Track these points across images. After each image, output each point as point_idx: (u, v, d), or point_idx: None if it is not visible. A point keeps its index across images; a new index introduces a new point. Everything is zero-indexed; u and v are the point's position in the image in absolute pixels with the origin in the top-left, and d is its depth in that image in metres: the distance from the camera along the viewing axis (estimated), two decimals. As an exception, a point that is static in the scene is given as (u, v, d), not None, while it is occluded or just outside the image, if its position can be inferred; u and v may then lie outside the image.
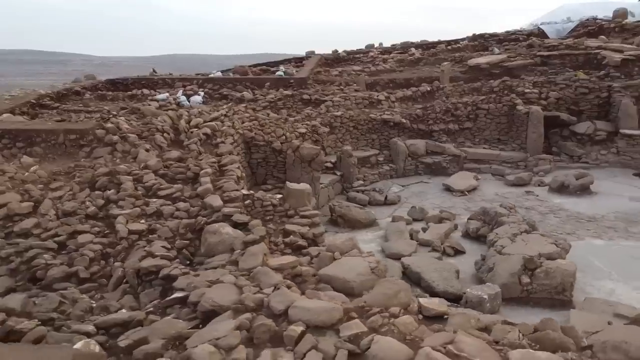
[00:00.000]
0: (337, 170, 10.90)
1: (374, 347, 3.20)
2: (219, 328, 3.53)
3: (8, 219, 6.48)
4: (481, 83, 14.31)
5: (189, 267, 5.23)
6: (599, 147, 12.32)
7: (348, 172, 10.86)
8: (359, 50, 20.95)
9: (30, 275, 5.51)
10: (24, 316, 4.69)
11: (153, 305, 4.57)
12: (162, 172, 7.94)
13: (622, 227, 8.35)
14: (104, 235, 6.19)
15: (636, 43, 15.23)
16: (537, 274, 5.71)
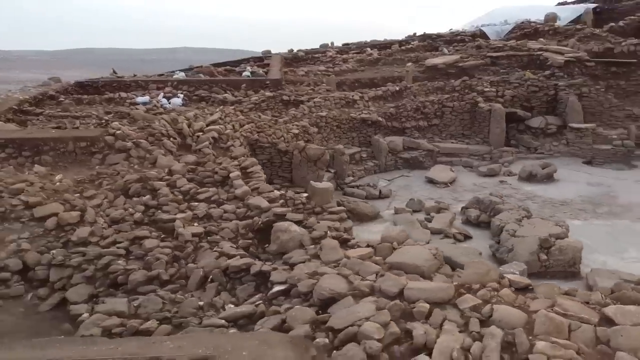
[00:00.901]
0: (330, 168, 11.58)
1: (496, 314, 3.98)
2: (360, 309, 4.15)
3: (60, 228, 6.61)
4: (444, 82, 15.54)
5: (269, 263, 5.74)
6: (551, 139, 13.95)
7: (341, 170, 11.59)
8: (315, 49, 21.64)
9: (110, 281, 5.76)
10: (133, 317, 5.04)
11: (259, 299, 5.07)
12: (189, 176, 8.26)
13: (590, 209, 9.78)
14: (161, 240, 6.51)
15: (570, 45, 17.18)
16: (552, 251, 6.80)
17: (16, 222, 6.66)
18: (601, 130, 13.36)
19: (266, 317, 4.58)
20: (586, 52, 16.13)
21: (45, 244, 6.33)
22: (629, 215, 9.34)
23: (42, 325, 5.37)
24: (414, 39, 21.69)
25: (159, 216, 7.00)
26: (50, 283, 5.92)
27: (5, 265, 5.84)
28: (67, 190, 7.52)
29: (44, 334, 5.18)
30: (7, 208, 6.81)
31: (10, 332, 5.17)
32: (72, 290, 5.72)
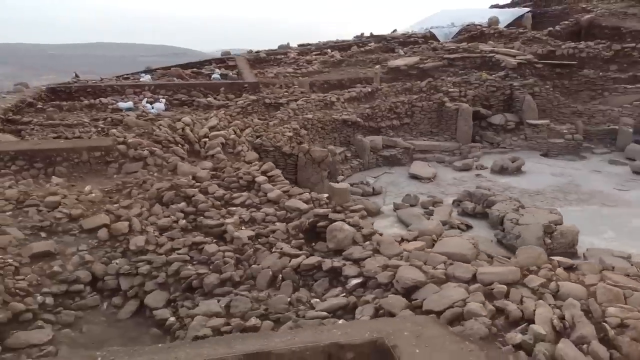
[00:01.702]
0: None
1: (562, 289, 4.84)
2: (452, 293, 4.86)
3: (113, 239, 6.81)
4: (411, 83, 16.57)
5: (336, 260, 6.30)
6: (510, 134, 15.41)
7: (334, 169, 12.23)
8: (276, 50, 22.04)
9: (185, 285, 6.09)
10: (229, 317, 5.46)
11: (341, 292, 5.64)
12: (215, 182, 8.59)
13: (562, 197, 11.14)
14: (218, 244, 6.88)
15: (516, 48, 18.86)
16: (555, 235, 7.89)
17: (66, 235, 6.78)
18: (554, 125, 14.96)
19: (360, 307, 5.19)
20: (532, 54, 17.84)
21: (105, 255, 6.52)
22: (595, 201, 10.77)
23: (131, 332, 5.64)
24: (370, 40, 22.66)
25: (205, 222, 7.33)
26: (122, 292, 6.16)
27: (77, 278, 6.00)
28: (103, 201, 7.64)
29: (137, 340, 5.48)
30: (52, 222, 6.89)
31: (103, 340, 5.42)
32: (149, 297, 6.00)
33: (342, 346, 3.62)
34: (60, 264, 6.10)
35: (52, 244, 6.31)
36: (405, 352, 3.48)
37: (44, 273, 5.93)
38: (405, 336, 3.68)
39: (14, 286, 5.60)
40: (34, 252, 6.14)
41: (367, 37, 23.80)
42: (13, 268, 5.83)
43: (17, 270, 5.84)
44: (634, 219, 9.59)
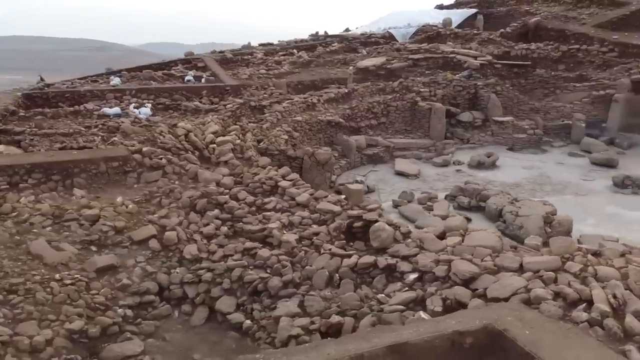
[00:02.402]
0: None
1: (600, 272, 5.69)
2: (512, 281, 5.57)
3: (166, 249, 7.00)
4: (384, 84, 17.34)
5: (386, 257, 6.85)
6: (478, 130, 16.58)
7: (331, 170, 12.74)
8: (241, 51, 22.10)
9: (251, 289, 6.44)
10: (306, 316, 5.91)
11: (402, 286, 6.21)
12: (240, 188, 8.88)
13: (539, 188, 12.31)
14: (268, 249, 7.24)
15: (474, 48, 20.16)
16: (554, 224, 8.89)
17: (118, 248, 6.90)
18: (516, 122, 16.28)
19: (428, 298, 5.80)
20: (489, 54, 19.18)
21: (162, 265, 6.72)
22: (569, 191, 12.03)
23: (210, 337, 5.95)
24: (332, 40, 23.22)
25: (246, 227, 7.66)
26: (189, 299, 6.41)
27: (147, 289, 6.18)
28: (140, 212, 7.76)
29: (220, 344, 5.80)
30: (100, 235, 6.97)
31: (188, 347, 5.71)
32: (219, 302, 6.32)
33: (462, 333, 4.21)
34: (126, 276, 6.25)
35: (114, 258, 6.42)
36: (517, 334, 4.13)
37: (114, 287, 6.07)
38: (510, 320, 4.33)
39: (92, 301, 5.73)
40: (99, 266, 6.25)
41: (324, 36, 24.38)
42: (84, 283, 5.93)
43: (87, 285, 5.94)
44: (607, 206, 10.87)
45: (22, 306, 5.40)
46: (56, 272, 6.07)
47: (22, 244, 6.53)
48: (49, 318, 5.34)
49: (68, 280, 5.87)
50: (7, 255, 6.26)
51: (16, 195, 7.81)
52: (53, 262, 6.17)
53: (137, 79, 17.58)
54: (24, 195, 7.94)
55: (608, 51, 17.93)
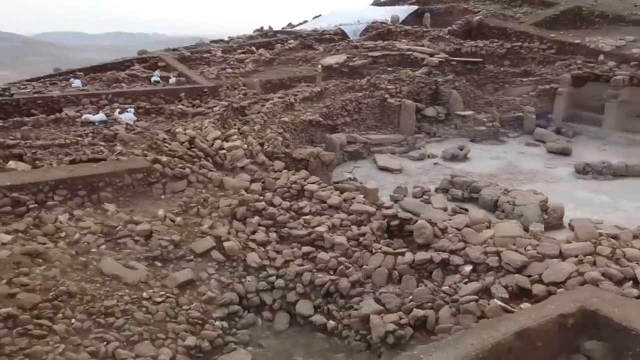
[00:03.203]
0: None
1: (627, 254, 6.73)
2: (563, 267, 6.44)
3: (229, 259, 7.22)
4: (353, 82, 17.97)
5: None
6: (442, 124, 17.74)
7: (322, 168, 13.21)
8: (197, 48, 21.74)
9: (324, 291, 6.84)
10: (387, 312, 6.44)
11: (461, 278, 6.89)
12: (269, 193, 9.14)
13: (512, 177, 13.58)
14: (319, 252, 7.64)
15: (426, 45, 21.34)
16: (549, 211, 10.03)
17: (182, 261, 7.00)
18: (476, 115, 17.62)
19: (492, 287, 6.53)
20: (442, 51, 20.43)
21: (231, 275, 6.93)
22: (540, 179, 13.40)
23: (300, 339, 6.33)
24: (287, 37, 23.44)
25: (294, 232, 7.98)
26: (268, 306, 6.70)
27: (231, 299, 6.39)
28: (187, 224, 7.85)
29: (312, 345, 6.20)
30: (161, 250, 7.03)
31: (284, 351, 6.05)
32: (298, 306, 6.68)
33: (565, 315, 4.95)
34: (207, 289, 6.41)
35: (191, 272, 6.54)
36: (609, 312, 4.94)
37: (200, 300, 6.22)
38: (596, 301, 5.13)
39: (189, 316, 5.87)
40: (180, 282, 6.35)
41: (273, 32, 24.66)
42: (173, 300, 6.04)
43: (177, 301, 6.06)
44: (577, 191, 12.31)
45: (128, 327, 5.44)
46: (140, 290, 6.11)
47: (88, 265, 6.45)
48: (159, 337, 5.43)
49: (158, 298, 5.94)
50: (81, 278, 6.19)
51: (51, 215, 7.56)
52: (133, 281, 6.18)
53: (98, 81, 16.93)
54: (55, 213, 7.71)
55: (547, 48, 19.79)
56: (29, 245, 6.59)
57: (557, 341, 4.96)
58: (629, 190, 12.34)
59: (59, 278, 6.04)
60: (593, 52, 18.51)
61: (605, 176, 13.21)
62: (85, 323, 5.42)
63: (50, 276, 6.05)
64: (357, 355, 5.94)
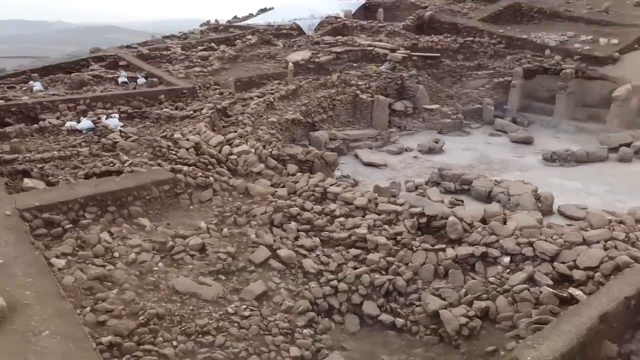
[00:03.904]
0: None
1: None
2: (593, 253, 7.24)
3: (287, 266, 7.41)
4: (324, 79, 18.26)
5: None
6: (410, 118, 18.54)
7: (315, 167, 13.46)
8: (153, 45, 20.98)
9: (384, 291, 7.23)
10: (450, 306, 6.96)
11: (504, 268, 7.52)
12: (295, 198, 9.33)
13: (490, 167, 14.59)
14: (367, 252, 8.00)
15: (384, 41, 22.03)
16: (542, 199, 11.02)
17: (244, 272, 7.10)
18: (442, 108, 18.59)
19: (534, 275, 7.23)
20: (400, 46, 21.21)
21: (295, 283, 7.12)
22: (514, 168, 14.50)
23: (375, 339, 6.67)
24: (244, 32, 23.18)
25: (335, 236, 8.27)
26: (336, 310, 6.99)
27: (307, 307, 6.60)
28: (233, 234, 7.91)
29: (388, 342, 6.58)
30: (221, 263, 7.08)
31: (368, 351, 6.39)
32: (365, 307, 7.05)
33: (629, 298, 5.72)
34: (280, 299, 6.57)
35: (264, 284, 6.66)
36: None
37: (279, 310, 6.38)
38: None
39: (278, 326, 6.04)
40: (257, 294, 6.46)
41: (206, 24, 24.37)
42: (257, 313, 6.17)
43: (260, 313, 6.19)
44: (550, 178, 13.49)
45: (230, 344, 5.51)
46: (221, 306, 6.16)
47: (159, 285, 6.39)
48: (262, 350, 5.55)
49: (244, 312, 6.02)
50: (158, 298, 6.14)
51: (93, 235, 7.33)
52: (212, 297, 6.21)
53: (60, 83, 16.05)
54: (92, 232, 7.47)
55: (497, 43, 21.16)
56: (92, 270, 6.41)
57: (624, 320, 5.71)
58: (594, 175, 13.74)
59: (138, 301, 5.97)
60: (540, 47, 20.08)
61: (570, 163, 14.57)
62: (188, 344, 5.44)
63: (128, 300, 5.96)
64: (433, 349, 6.40)
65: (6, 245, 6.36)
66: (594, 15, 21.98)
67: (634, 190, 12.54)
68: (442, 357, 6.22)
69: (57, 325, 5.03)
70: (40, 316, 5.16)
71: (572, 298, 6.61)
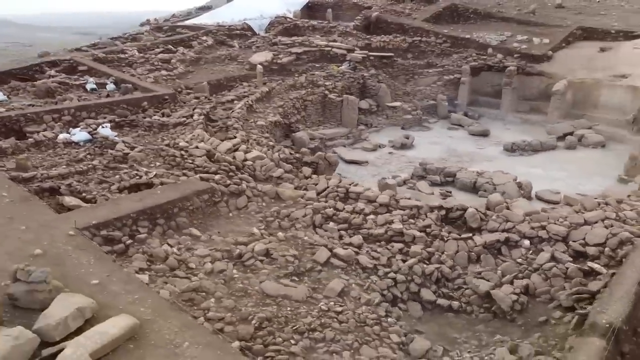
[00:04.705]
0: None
1: (627, 215, 9.17)
2: (599, 232, 8.57)
3: (348, 264, 8.04)
4: (293, 80, 18.74)
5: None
6: (375, 115, 19.56)
7: (308, 168, 14.00)
8: (107, 48, 20.22)
9: (434, 278, 8.08)
10: (495, 287, 7.96)
11: (526, 251, 8.63)
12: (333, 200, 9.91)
13: (460, 159, 15.94)
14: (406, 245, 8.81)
15: (339, 41, 22.83)
16: (523, 187, 12.45)
17: (313, 272, 7.64)
18: (403, 105, 19.80)
19: (554, 253, 8.42)
20: (356, 47, 22.15)
21: (359, 278, 7.77)
22: (481, 159, 15.97)
23: (440, 320, 7.52)
24: (197, 34, 22.90)
25: (373, 232, 8.99)
26: (399, 299, 7.74)
27: (380, 299, 7.28)
28: (287, 238, 8.38)
29: (454, 323, 7.47)
30: (292, 266, 7.57)
31: (441, 333, 7.23)
32: (422, 293, 7.87)
33: (654, 268, 7.01)
34: (356, 293, 7.20)
35: (340, 281, 7.24)
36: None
37: (361, 303, 7.01)
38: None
39: (368, 318, 6.68)
40: (338, 290, 7.03)
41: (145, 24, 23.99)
42: (347, 308, 6.76)
43: (350, 309, 6.78)
44: (515, 167, 15.05)
45: (340, 338, 6.08)
46: (312, 305, 6.67)
47: (247, 290, 6.76)
48: (367, 340, 6.16)
49: (337, 308, 6.58)
50: (254, 303, 6.52)
51: (158, 249, 7.49)
52: (302, 297, 6.70)
53: (22, 91, 15.27)
54: (154, 245, 7.63)
55: (443, 42, 22.76)
56: (180, 283, 6.65)
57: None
58: (550, 162, 15.56)
59: (239, 307, 6.35)
60: (482, 46, 21.92)
61: (528, 152, 16.32)
62: (304, 341, 5.94)
63: (230, 307, 6.31)
64: (491, 324, 7.36)
65: (91, 265, 6.42)
66: (523, 17, 24.29)
67: (588, 173, 14.45)
68: (502, 330, 7.18)
69: (192, 335, 5.32)
70: (170, 329, 5.41)
71: (592, 270, 7.88)
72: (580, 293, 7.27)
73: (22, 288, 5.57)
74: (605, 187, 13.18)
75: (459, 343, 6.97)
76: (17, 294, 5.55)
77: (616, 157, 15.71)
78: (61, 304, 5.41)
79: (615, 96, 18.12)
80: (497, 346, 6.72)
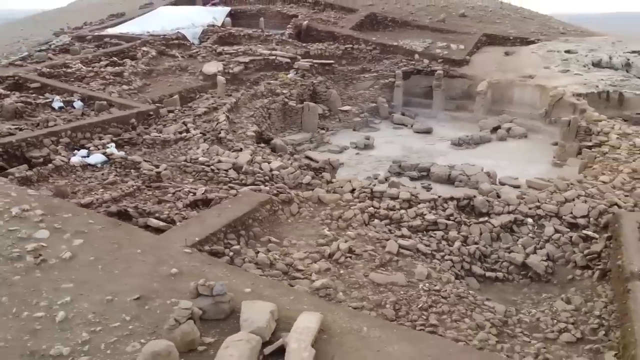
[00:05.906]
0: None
1: (593, 190, 11.72)
2: (583, 205, 10.92)
3: (414, 252, 9.44)
4: (254, 90, 19.41)
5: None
6: (329, 119, 20.97)
7: (301, 173, 15.00)
8: (50, 62, 19.09)
9: (478, 256, 9.79)
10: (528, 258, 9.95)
11: (532, 228, 10.68)
12: (359, 200, 11.17)
13: (419, 155, 18.00)
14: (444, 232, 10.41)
15: (279, 49, 23.82)
16: (491, 175, 14.76)
17: (392, 262, 8.91)
18: (352, 108, 21.47)
19: (555, 227, 10.59)
20: (297, 55, 23.34)
21: (428, 263, 9.20)
22: (438, 154, 18.15)
23: (493, 289, 9.24)
24: (138, 44, 22.36)
25: (413, 224, 10.46)
26: (460, 276, 9.30)
27: (454, 280, 8.78)
28: (356, 236, 9.55)
29: (505, 291, 9.25)
30: (376, 259, 8.80)
31: (503, 299, 8.95)
32: (474, 269, 9.47)
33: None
34: (436, 275, 8.63)
35: (424, 267, 8.60)
36: (649, 221, 9.59)
37: (445, 283, 8.45)
38: None
39: (459, 290, 8.15)
40: (425, 274, 8.39)
41: (89, 36, 23.34)
42: (437, 288, 8.17)
43: (438, 292, 8.18)
44: (471, 159, 17.45)
45: (454, 309, 7.47)
46: (412, 288, 7.97)
47: (359, 281, 7.88)
48: (467, 313, 7.63)
49: (435, 287, 7.97)
50: (373, 292, 7.67)
51: (262, 257, 8.26)
52: (404, 282, 7.97)
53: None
54: (251, 255, 8.38)
55: (373, 49, 24.84)
56: (303, 284, 7.57)
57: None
58: (492, 153, 18.25)
59: (369, 297, 7.47)
60: (409, 52, 24.38)
61: (471, 145, 18.91)
62: (431, 317, 7.26)
63: (359, 297, 7.42)
64: (532, 286, 9.24)
65: (229, 277, 7.06)
66: (436, 25, 27.30)
67: (525, 160, 17.30)
68: (543, 290, 9.10)
69: (363, 321, 6.35)
70: (342, 319, 6.35)
71: (587, 236, 10.15)
72: (590, 254, 9.46)
73: (208, 302, 6.16)
74: (545, 171, 16.05)
75: (519, 304, 8.74)
76: (205, 307, 6.13)
77: (539, 145, 18.91)
78: (253, 310, 6.10)
79: (527, 94, 21.53)
80: (549, 301, 8.60)
